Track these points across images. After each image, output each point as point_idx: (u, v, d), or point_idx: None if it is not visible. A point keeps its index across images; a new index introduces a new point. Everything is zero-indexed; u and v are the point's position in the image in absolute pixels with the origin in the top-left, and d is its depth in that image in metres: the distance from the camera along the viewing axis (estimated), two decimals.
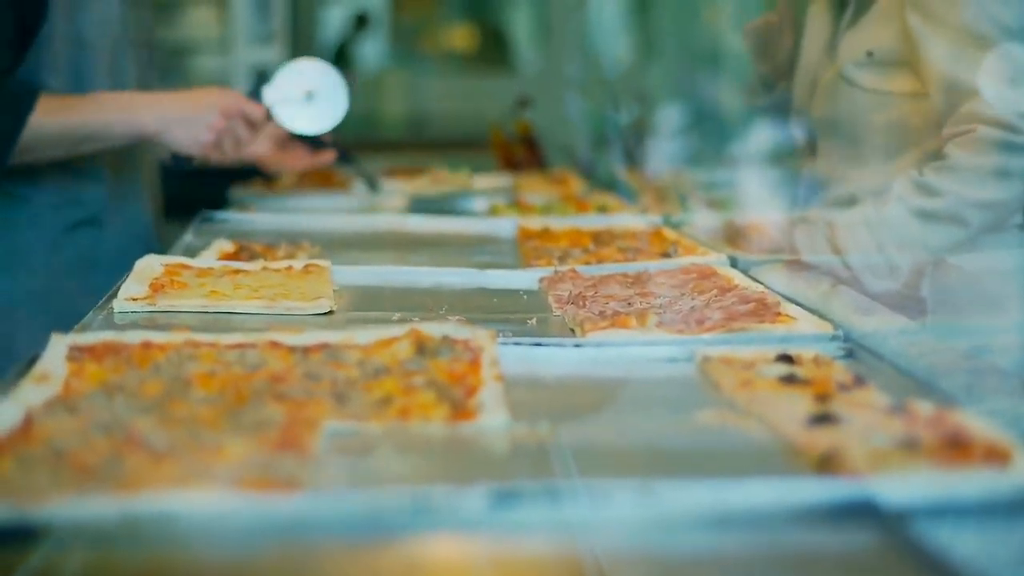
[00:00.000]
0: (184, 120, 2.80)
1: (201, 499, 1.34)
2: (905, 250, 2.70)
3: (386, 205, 3.89)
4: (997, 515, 1.36)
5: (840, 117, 2.96)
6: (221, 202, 3.86)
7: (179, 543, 1.31)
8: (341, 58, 8.56)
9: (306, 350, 1.94)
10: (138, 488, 1.38)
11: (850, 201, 2.89)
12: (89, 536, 1.31)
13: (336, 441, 1.56)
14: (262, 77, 2.88)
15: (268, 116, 2.88)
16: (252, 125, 2.81)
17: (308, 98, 2.90)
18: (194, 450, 1.51)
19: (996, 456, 1.44)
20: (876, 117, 2.88)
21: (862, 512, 1.36)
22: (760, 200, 3.15)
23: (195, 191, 3.69)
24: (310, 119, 2.97)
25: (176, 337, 1.98)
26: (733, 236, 3.16)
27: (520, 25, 9.91)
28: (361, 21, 8.73)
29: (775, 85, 3.32)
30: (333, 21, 9.31)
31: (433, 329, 1.99)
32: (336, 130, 3.20)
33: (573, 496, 1.35)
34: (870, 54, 2.85)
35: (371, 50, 9.56)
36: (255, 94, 2.86)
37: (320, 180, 4.42)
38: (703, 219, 3.51)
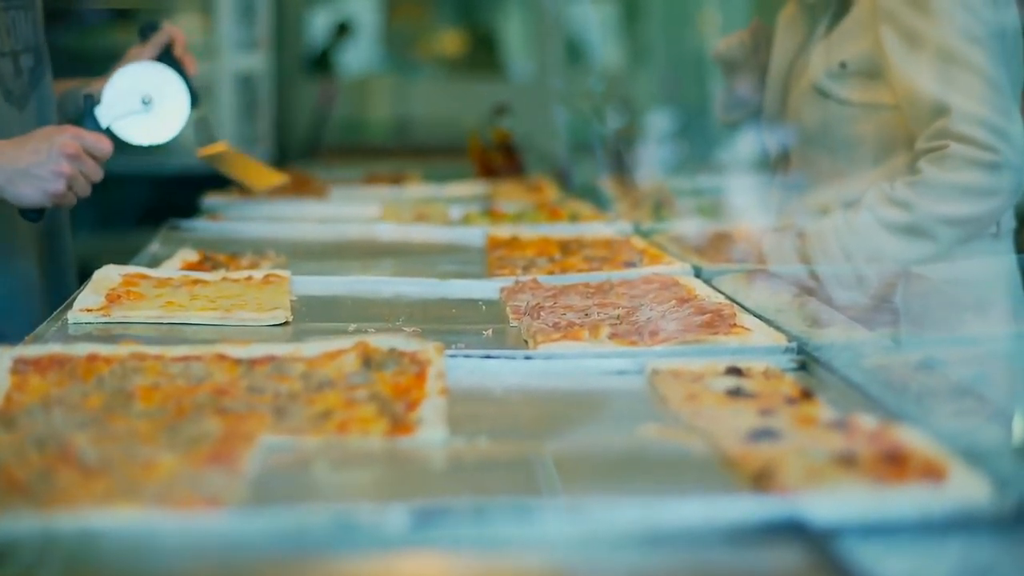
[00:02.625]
0: (27, 172, 2.46)
1: (122, 516, 1.33)
2: (873, 261, 2.69)
3: (359, 214, 3.86)
4: (929, 533, 1.35)
5: (812, 128, 2.95)
6: (192, 210, 3.84)
7: (101, 561, 1.30)
8: (323, 65, 8.54)
9: (252, 363, 1.93)
10: (64, 505, 1.37)
11: (822, 211, 2.88)
12: (10, 554, 1.30)
13: (271, 456, 1.55)
14: (90, 99, 2.64)
15: (111, 138, 2.64)
16: (97, 158, 2.52)
17: (146, 104, 2.68)
18: (126, 466, 1.50)
19: (932, 472, 1.43)
20: (849, 128, 2.87)
21: (791, 530, 1.34)
22: (735, 209, 3.13)
23: (166, 199, 3.67)
24: (154, 126, 2.70)
25: (122, 350, 1.96)
26: (704, 244, 3.15)
27: (511, 32, 9.90)
28: (342, 29, 8.72)
29: (748, 101, 3.31)
30: (319, 28, 9.30)
31: (381, 341, 1.97)
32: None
33: (499, 514, 1.33)
34: (843, 65, 2.84)
35: (361, 56, 9.55)
36: (90, 118, 2.62)
37: (297, 187, 4.41)
38: (676, 227, 3.49)
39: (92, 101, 2.65)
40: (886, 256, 2.68)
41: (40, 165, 2.45)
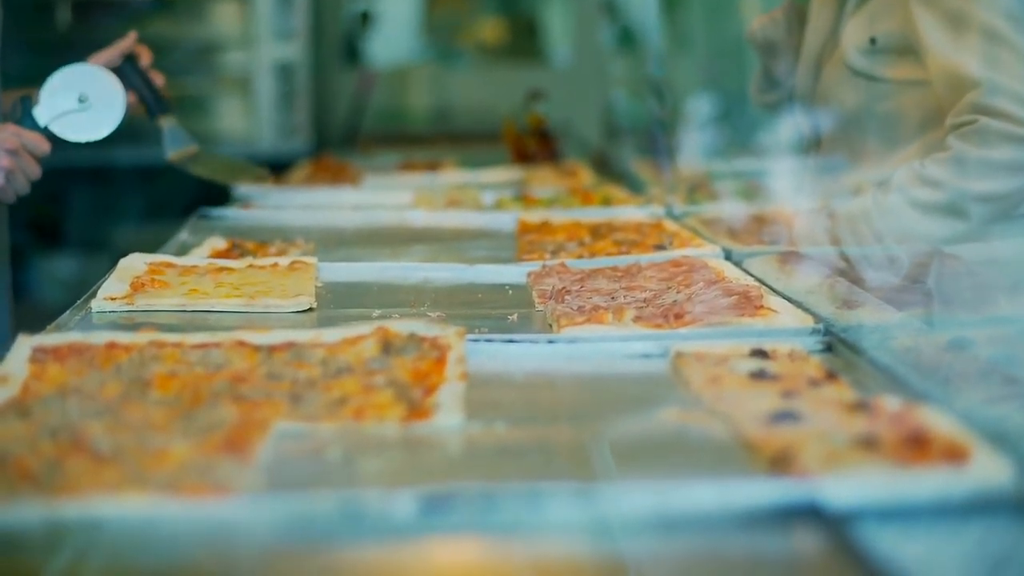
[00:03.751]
0: None
1: (127, 504, 1.31)
2: (904, 242, 2.65)
3: (392, 201, 3.84)
4: (950, 516, 1.32)
5: (845, 106, 2.91)
6: (224, 198, 3.83)
7: (107, 548, 1.29)
8: (352, 55, 8.52)
9: (271, 349, 1.91)
10: (73, 493, 1.36)
11: (855, 191, 2.84)
12: (18, 542, 1.29)
13: (284, 443, 1.53)
14: (27, 100, 2.68)
15: (48, 136, 2.67)
16: (36, 156, 2.57)
17: (82, 104, 2.71)
18: (138, 454, 1.48)
19: (954, 455, 1.40)
20: (881, 105, 2.83)
21: (809, 513, 1.32)
22: (771, 191, 3.10)
23: (210, 189, 3.66)
24: (91, 124, 2.72)
25: (141, 337, 1.95)
26: (737, 227, 3.11)
27: (553, 18, 9.86)
28: (365, 17, 8.70)
29: (784, 82, 3.28)
30: (348, 17, 9.28)
31: (401, 327, 1.95)
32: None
33: (510, 499, 1.31)
34: (873, 41, 2.80)
35: (401, 45, 9.53)
36: (27, 117, 2.65)
37: (330, 175, 4.40)
38: (709, 210, 3.46)
39: (30, 102, 2.68)
40: (917, 236, 2.63)
41: None
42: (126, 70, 2.85)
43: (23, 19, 2.96)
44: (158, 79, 2.93)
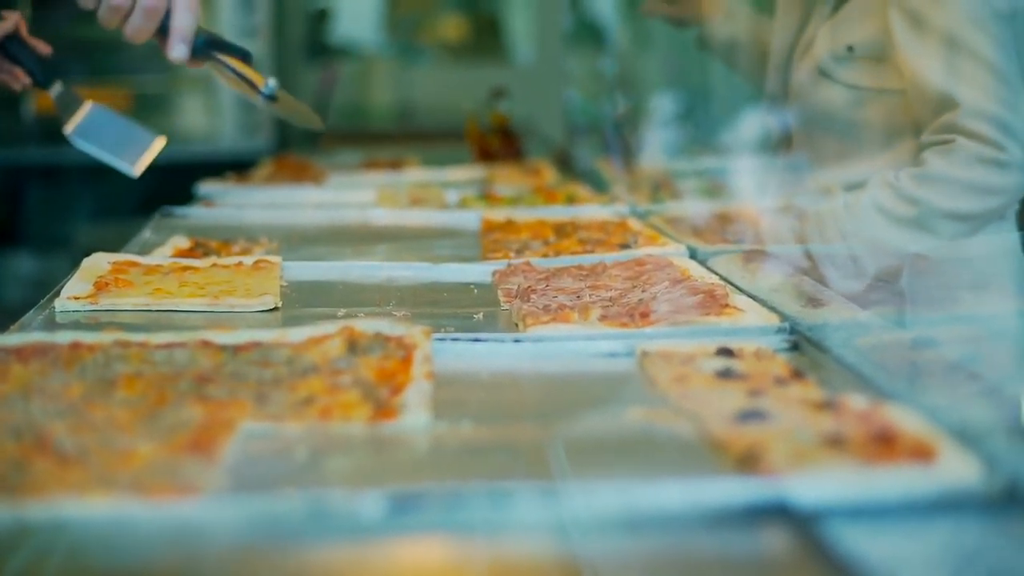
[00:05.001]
0: None
1: (93, 505, 1.30)
2: (871, 250, 2.66)
3: (355, 199, 3.83)
4: (918, 515, 1.32)
5: (816, 110, 2.91)
6: (187, 197, 3.81)
7: (73, 550, 1.28)
8: (314, 52, 8.51)
9: (237, 349, 1.90)
10: (39, 494, 1.34)
11: (824, 192, 2.85)
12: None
13: (251, 443, 1.52)
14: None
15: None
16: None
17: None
18: (103, 455, 1.47)
19: (922, 453, 1.40)
20: (854, 112, 2.84)
21: (777, 512, 1.32)
22: (736, 190, 3.10)
23: (170, 187, 3.64)
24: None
25: (106, 337, 1.94)
26: (701, 225, 3.12)
27: (514, 16, 9.86)
28: (323, 14, 8.69)
29: (749, 80, 3.31)
30: (308, 15, 9.25)
31: (366, 326, 1.95)
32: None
33: (476, 499, 1.31)
34: (851, 49, 2.81)
35: (363, 41, 9.51)
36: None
37: (293, 173, 4.39)
38: (674, 208, 3.47)
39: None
40: (884, 244, 2.64)
41: None
42: (13, 47, 2.79)
43: None
44: (42, 47, 2.84)
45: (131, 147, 2.85)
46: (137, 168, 2.70)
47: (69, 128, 2.72)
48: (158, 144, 2.78)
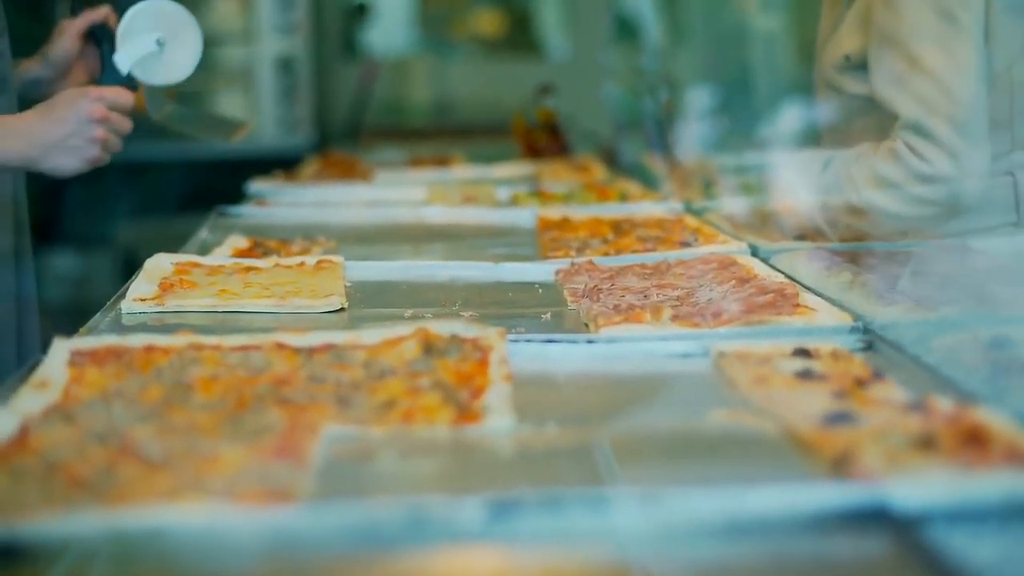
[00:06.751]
0: (60, 145, 2.44)
1: (190, 512, 1.30)
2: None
3: (405, 197, 3.83)
4: (1018, 518, 1.31)
5: (826, 118, 2.93)
6: (235, 195, 3.82)
7: (169, 558, 1.27)
8: (351, 48, 8.50)
9: (311, 351, 1.90)
10: (130, 501, 1.34)
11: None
12: (78, 552, 1.27)
13: (336, 447, 1.52)
14: (103, 33, 2.63)
15: (129, 83, 2.59)
16: (126, 112, 2.49)
17: (160, 45, 2.61)
18: (190, 460, 1.47)
19: (1017, 456, 1.39)
20: (854, 119, 2.84)
21: (876, 517, 1.31)
22: (786, 184, 3.09)
23: (211, 184, 3.64)
24: (169, 67, 2.62)
25: (179, 340, 1.93)
26: (757, 222, 3.10)
27: (551, 10, 9.84)
28: (361, 9, 8.68)
29: None
30: (352, 9, 9.26)
31: (441, 328, 1.94)
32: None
33: (575, 505, 1.30)
34: (847, 58, 2.81)
35: (397, 38, 9.51)
36: (109, 72, 2.56)
37: (340, 170, 4.39)
38: (727, 205, 3.45)
39: (103, 35, 2.64)
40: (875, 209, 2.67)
41: (72, 136, 2.45)
42: (100, 33, 2.75)
43: (22, 13, 2.86)
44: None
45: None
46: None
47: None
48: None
